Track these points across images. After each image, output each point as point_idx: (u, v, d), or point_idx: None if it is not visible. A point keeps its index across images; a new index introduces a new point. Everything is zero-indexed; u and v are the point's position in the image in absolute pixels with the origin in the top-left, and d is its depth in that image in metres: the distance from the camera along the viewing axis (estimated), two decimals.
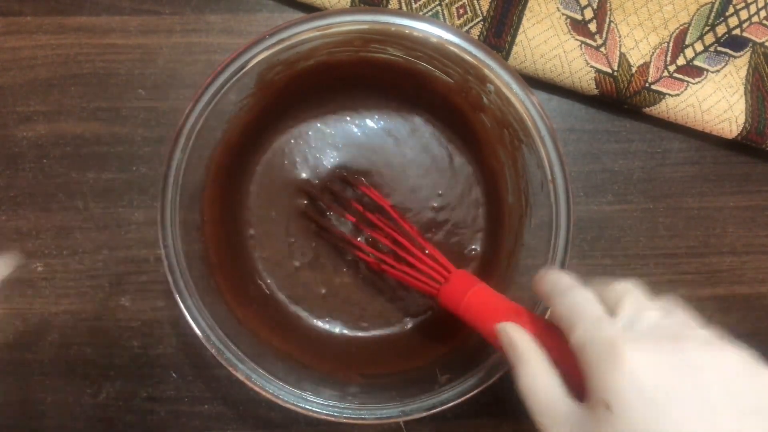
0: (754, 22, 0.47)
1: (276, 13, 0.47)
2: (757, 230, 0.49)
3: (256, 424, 0.46)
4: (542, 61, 0.45)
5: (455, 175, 0.46)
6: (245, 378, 0.37)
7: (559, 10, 0.45)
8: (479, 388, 0.38)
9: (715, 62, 0.46)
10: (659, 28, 0.46)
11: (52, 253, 0.46)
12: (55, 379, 0.46)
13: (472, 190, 0.46)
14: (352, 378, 0.42)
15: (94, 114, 0.46)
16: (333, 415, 0.38)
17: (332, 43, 0.39)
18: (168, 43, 0.46)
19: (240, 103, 0.40)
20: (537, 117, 0.38)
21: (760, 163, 0.48)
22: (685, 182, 0.48)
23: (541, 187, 0.39)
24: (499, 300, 0.36)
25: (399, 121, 0.45)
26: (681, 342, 0.27)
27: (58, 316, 0.46)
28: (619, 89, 0.45)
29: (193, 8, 0.46)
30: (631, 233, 0.48)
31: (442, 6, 0.45)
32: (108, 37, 0.46)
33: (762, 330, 0.49)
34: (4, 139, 0.46)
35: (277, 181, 0.45)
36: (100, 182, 0.46)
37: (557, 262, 0.39)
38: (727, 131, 0.46)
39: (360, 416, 0.38)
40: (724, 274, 0.49)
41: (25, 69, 0.46)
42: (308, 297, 0.45)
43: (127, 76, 0.46)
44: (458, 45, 0.38)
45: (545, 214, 0.39)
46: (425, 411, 0.38)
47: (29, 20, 0.46)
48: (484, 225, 0.46)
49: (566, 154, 0.39)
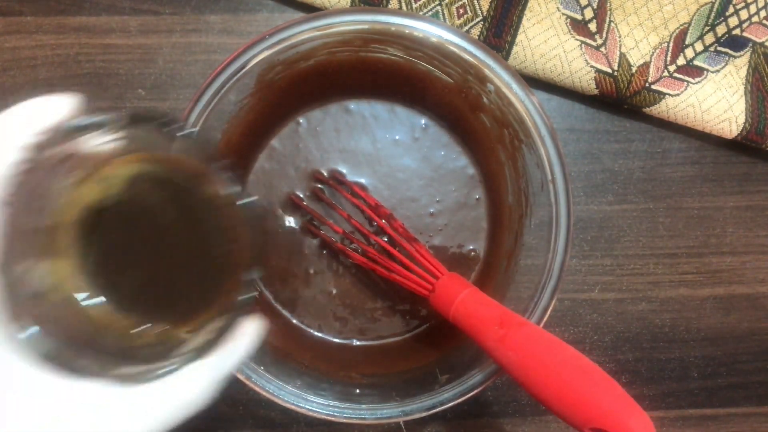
0: (754, 22, 0.47)
1: (276, 13, 0.47)
2: (757, 230, 0.49)
3: (256, 424, 0.46)
4: (542, 61, 0.45)
5: (455, 174, 0.46)
6: (245, 378, 0.37)
7: (559, 9, 0.45)
8: (479, 388, 0.38)
9: (715, 62, 0.46)
10: (659, 28, 0.46)
11: None
12: None
13: (472, 190, 0.46)
14: (352, 378, 0.42)
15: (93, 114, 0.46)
16: (333, 415, 0.38)
17: (332, 43, 0.39)
18: (168, 43, 0.46)
19: (240, 103, 0.40)
20: (537, 117, 0.38)
21: (760, 163, 0.49)
22: (685, 182, 0.48)
23: (541, 187, 0.39)
24: (487, 307, 0.36)
25: (398, 121, 0.45)
26: None
27: None
28: (619, 89, 0.45)
29: (193, 8, 0.46)
30: (631, 233, 0.48)
31: (442, 6, 0.45)
32: (108, 37, 0.46)
33: (762, 330, 0.49)
34: None
35: (276, 181, 0.45)
36: None
37: (557, 262, 0.39)
38: (727, 131, 0.46)
39: (360, 416, 0.38)
40: (724, 274, 0.49)
41: (25, 69, 0.46)
42: (308, 306, 0.45)
43: (127, 76, 0.46)
44: (458, 45, 0.38)
45: (545, 214, 0.39)
46: (425, 411, 0.38)
47: (29, 20, 0.46)
48: (483, 225, 0.46)
49: (566, 154, 0.39)
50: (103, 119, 0.24)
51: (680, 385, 0.49)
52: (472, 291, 0.38)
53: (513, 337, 0.34)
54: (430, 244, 0.45)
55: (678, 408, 0.49)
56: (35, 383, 0.22)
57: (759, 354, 0.49)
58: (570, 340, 0.36)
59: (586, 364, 0.32)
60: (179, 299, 0.28)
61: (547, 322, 0.39)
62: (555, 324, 0.48)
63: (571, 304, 0.48)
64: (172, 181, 0.29)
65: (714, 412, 0.49)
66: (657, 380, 0.48)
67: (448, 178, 0.46)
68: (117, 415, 0.23)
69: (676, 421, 0.49)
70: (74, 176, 0.27)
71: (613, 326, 0.48)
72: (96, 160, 0.27)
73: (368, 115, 0.45)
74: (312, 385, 0.39)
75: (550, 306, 0.39)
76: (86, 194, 0.28)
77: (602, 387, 0.31)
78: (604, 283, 0.48)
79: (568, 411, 0.31)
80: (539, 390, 0.32)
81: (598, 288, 0.48)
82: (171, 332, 0.27)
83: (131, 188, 0.28)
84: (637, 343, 0.48)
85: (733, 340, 0.49)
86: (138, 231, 0.29)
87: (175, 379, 0.23)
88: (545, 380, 0.32)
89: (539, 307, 0.38)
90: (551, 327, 0.47)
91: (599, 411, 0.30)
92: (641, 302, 0.48)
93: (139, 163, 0.28)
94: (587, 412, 0.30)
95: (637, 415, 0.29)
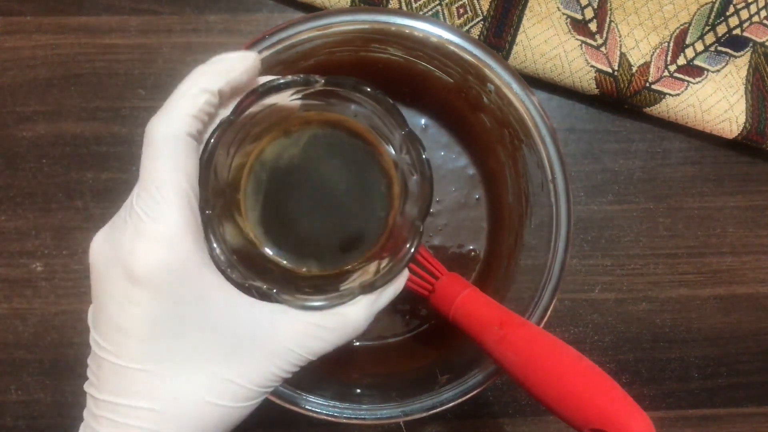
0: (755, 22, 0.46)
1: (276, 12, 0.47)
2: (758, 230, 0.49)
3: (255, 424, 0.46)
4: (542, 61, 0.45)
5: (455, 174, 0.46)
6: None
7: (560, 9, 0.45)
8: (479, 388, 0.38)
9: (716, 62, 0.46)
10: (659, 28, 0.46)
11: (51, 253, 0.46)
12: (55, 379, 0.46)
13: (472, 190, 0.46)
14: (352, 378, 0.42)
15: (93, 114, 0.46)
16: (333, 415, 0.38)
17: (332, 43, 0.39)
18: (168, 42, 0.46)
19: None
20: (537, 117, 0.38)
21: (760, 163, 0.48)
22: (685, 182, 0.48)
23: (542, 187, 0.39)
24: (487, 308, 0.36)
25: None
26: None
27: (57, 316, 0.46)
28: (620, 89, 0.45)
29: (193, 8, 0.46)
30: (632, 233, 0.48)
31: (443, 6, 0.45)
32: (108, 37, 0.46)
33: (763, 330, 0.49)
34: (4, 139, 0.46)
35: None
36: (99, 182, 0.46)
37: (557, 262, 0.39)
38: (727, 131, 0.46)
39: (360, 416, 0.38)
40: (724, 274, 0.49)
41: (25, 69, 0.46)
42: None
43: (127, 75, 0.46)
44: (458, 45, 0.38)
45: (545, 214, 0.39)
46: (425, 411, 0.38)
47: (29, 20, 0.46)
48: (484, 225, 0.46)
49: (566, 154, 0.39)
50: (302, 79, 0.27)
51: (681, 386, 0.49)
52: (472, 291, 0.38)
53: (513, 338, 0.34)
54: (430, 244, 0.45)
55: (678, 408, 0.49)
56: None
57: (760, 354, 0.49)
58: (570, 340, 0.36)
59: (586, 364, 0.32)
60: (349, 245, 0.33)
61: (547, 323, 0.39)
62: (555, 324, 0.48)
63: (571, 304, 0.48)
64: (346, 140, 0.33)
65: (714, 412, 0.49)
66: (657, 380, 0.48)
67: (448, 178, 0.45)
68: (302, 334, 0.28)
69: (676, 421, 0.49)
70: (261, 126, 0.31)
71: (614, 326, 0.48)
72: (284, 114, 0.31)
73: None
74: (312, 385, 0.39)
75: (551, 306, 0.39)
76: (267, 149, 0.33)
77: (602, 387, 0.31)
78: (605, 283, 0.48)
79: (568, 411, 0.31)
80: (539, 390, 0.32)
81: (599, 288, 0.48)
82: (340, 272, 0.32)
83: (308, 146, 0.33)
84: (637, 343, 0.48)
85: (733, 340, 0.49)
86: (311, 185, 0.33)
87: (346, 308, 0.28)
88: (545, 381, 0.32)
89: (539, 308, 0.38)
90: (551, 327, 0.47)
91: (599, 411, 0.30)
92: (642, 302, 0.48)
93: (319, 123, 0.33)
94: (587, 412, 0.30)
95: (638, 416, 0.29)
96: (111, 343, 0.26)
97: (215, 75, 0.27)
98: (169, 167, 0.25)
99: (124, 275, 0.25)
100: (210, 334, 0.26)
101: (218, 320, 0.26)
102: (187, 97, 0.26)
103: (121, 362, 0.26)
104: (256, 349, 0.27)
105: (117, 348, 0.26)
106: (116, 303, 0.25)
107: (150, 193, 0.25)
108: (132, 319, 0.25)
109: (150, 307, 0.25)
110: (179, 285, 0.25)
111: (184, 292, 0.25)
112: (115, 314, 0.25)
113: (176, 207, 0.25)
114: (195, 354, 0.26)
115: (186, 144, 0.26)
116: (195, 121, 0.26)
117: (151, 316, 0.25)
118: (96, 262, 0.26)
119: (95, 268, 0.26)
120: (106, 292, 0.26)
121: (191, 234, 0.26)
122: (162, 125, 0.26)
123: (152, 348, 0.26)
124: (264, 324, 0.27)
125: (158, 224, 0.25)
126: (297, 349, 0.28)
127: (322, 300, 0.28)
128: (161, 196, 0.25)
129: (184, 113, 0.26)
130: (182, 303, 0.25)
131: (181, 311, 0.26)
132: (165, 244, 0.25)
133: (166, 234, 0.25)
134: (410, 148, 0.29)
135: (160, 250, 0.25)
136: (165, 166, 0.25)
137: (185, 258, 0.25)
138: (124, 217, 0.26)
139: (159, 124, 0.26)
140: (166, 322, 0.25)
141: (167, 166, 0.25)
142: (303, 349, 0.28)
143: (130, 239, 0.25)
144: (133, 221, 0.25)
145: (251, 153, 0.32)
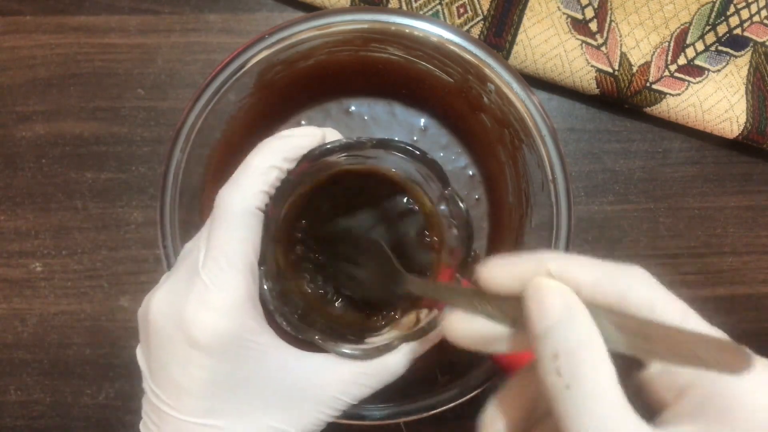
0: (755, 22, 0.46)
1: (276, 12, 0.46)
2: (759, 230, 0.49)
3: None
4: (543, 61, 0.45)
5: (455, 175, 0.46)
6: None
7: (560, 9, 0.45)
8: (479, 388, 0.38)
9: (716, 62, 0.46)
10: (660, 28, 0.46)
11: (50, 254, 0.46)
12: (54, 379, 0.45)
13: (472, 190, 0.46)
14: None
15: (93, 114, 0.46)
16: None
17: (332, 42, 0.39)
18: (167, 42, 0.46)
19: (239, 102, 0.40)
20: (537, 116, 0.38)
21: (761, 163, 0.48)
22: (686, 182, 0.48)
23: (542, 187, 0.39)
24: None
25: (398, 121, 0.45)
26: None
27: (57, 316, 0.45)
28: (620, 89, 0.45)
29: (193, 7, 0.46)
30: (632, 233, 0.48)
31: (443, 5, 0.45)
32: (107, 37, 0.46)
33: (764, 330, 0.49)
34: (3, 138, 0.46)
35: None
36: (98, 182, 0.46)
37: None
38: (728, 131, 0.46)
39: (360, 416, 0.38)
40: (725, 275, 0.48)
41: (24, 68, 0.45)
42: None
43: (126, 75, 0.46)
44: (458, 44, 0.38)
45: (546, 214, 0.39)
46: (425, 411, 0.38)
47: (29, 20, 0.46)
48: (484, 225, 0.46)
49: (567, 154, 0.39)
50: (355, 142, 0.30)
51: None
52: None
53: None
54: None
55: None
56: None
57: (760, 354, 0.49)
58: None
59: None
60: (393, 297, 0.35)
61: None
62: None
63: None
64: (388, 192, 0.36)
65: None
66: None
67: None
68: (345, 380, 0.30)
69: None
70: (310, 182, 0.34)
71: None
72: (332, 170, 0.34)
73: (367, 115, 0.45)
74: None
75: None
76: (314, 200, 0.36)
77: None
78: None
79: None
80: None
81: None
82: (378, 321, 0.35)
83: (351, 195, 0.36)
84: None
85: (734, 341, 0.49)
86: (358, 236, 0.36)
87: (387, 355, 0.30)
88: None
89: None
90: None
91: None
92: None
93: (361, 174, 0.36)
94: None
95: None
96: (171, 398, 0.27)
97: (284, 152, 0.29)
98: (239, 239, 0.27)
99: (187, 340, 0.26)
100: (264, 389, 0.28)
101: (272, 376, 0.28)
102: (259, 173, 0.28)
103: (182, 417, 0.27)
104: (305, 399, 0.29)
105: (177, 403, 0.27)
106: (178, 364, 0.27)
107: (218, 264, 0.27)
108: (193, 380, 0.27)
109: (211, 369, 0.27)
110: (238, 348, 0.27)
111: (243, 355, 0.27)
112: (176, 373, 0.27)
113: (242, 277, 0.27)
114: (250, 408, 0.28)
115: (256, 218, 0.28)
116: (265, 196, 0.28)
117: (211, 377, 0.27)
118: (157, 322, 0.28)
119: (156, 328, 0.28)
120: (167, 352, 0.27)
121: (251, 300, 0.28)
122: (237, 199, 0.28)
123: (211, 404, 0.27)
124: (312, 375, 0.29)
125: (223, 293, 0.26)
126: (342, 397, 0.30)
127: (368, 349, 0.30)
128: (229, 267, 0.27)
129: (257, 189, 0.28)
130: (240, 365, 0.27)
131: (239, 372, 0.27)
132: (228, 314, 0.26)
133: (229, 303, 0.26)
134: (452, 206, 0.31)
135: (222, 320, 0.26)
136: (236, 238, 0.27)
137: (245, 324, 0.27)
138: (185, 280, 0.27)
139: (233, 197, 0.28)
140: (225, 382, 0.27)
141: (238, 238, 0.27)
142: (348, 396, 0.30)
143: (194, 307, 0.26)
144: (198, 288, 0.27)
145: (297, 203, 0.35)
